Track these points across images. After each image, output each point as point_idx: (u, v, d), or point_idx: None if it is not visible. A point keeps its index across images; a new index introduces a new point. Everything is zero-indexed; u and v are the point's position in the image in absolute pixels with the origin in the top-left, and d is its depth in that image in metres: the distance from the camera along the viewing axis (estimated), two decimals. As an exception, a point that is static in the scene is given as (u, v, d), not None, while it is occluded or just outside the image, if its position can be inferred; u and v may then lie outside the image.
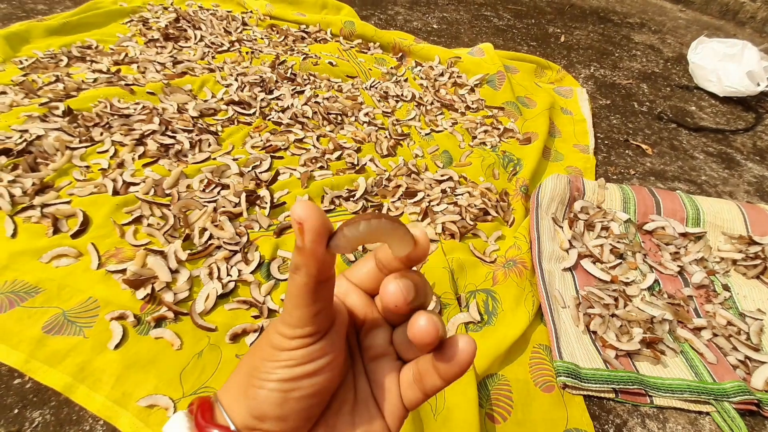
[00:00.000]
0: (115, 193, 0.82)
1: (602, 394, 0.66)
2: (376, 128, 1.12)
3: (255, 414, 0.20)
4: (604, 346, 0.72)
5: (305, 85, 1.23)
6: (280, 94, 1.17)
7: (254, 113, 1.10)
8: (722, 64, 1.51)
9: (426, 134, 1.15)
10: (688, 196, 0.99)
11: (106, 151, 0.90)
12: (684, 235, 0.93)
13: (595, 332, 0.74)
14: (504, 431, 0.61)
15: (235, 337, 0.65)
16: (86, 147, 0.89)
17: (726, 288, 0.85)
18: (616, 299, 0.79)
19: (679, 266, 0.87)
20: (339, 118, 1.14)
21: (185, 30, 1.36)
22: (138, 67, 1.16)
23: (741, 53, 1.47)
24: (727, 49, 1.51)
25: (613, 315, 0.76)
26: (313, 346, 0.20)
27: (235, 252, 0.76)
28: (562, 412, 0.64)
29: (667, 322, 0.76)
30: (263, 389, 0.20)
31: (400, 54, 1.48)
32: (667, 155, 1.24)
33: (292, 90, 1.20)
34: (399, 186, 0.96)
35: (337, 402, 0.22)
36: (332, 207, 0.89)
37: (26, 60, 1.11)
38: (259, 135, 1.04)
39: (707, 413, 0.67)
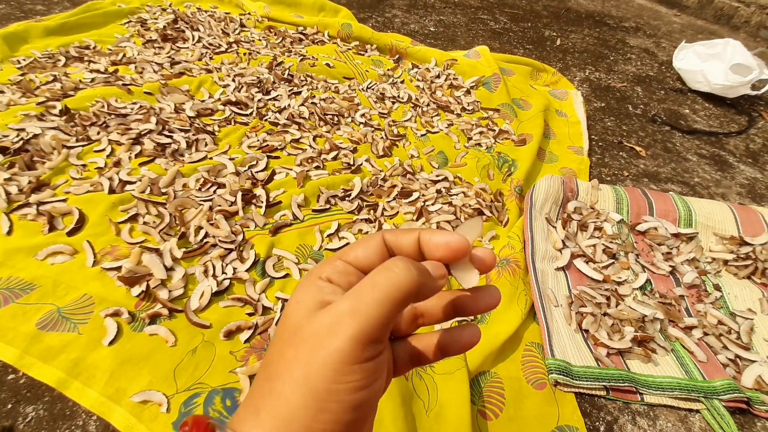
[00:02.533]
0: (112, 191, 0.82)
1: (593, 392, 0.67)
2: (373, 129, 1.13)
3: None
4: (595, 344, 0.73)
5: (302, 86, 1.24)
6: (277, 95, 1.18)
7: (251, 113, 1.10)
8: (707, 65, 1.53)
9: (422, 135, 1.15)
10: (680, 197, 1.00)
11: (103, 149, 0.91)
12: (676, 235, 0.94)
13: (587, 331, 0.74)
14: (496, 428, 0.61)
15: (230, 334, 0.65)
16: (83, 146, 0.90)
17: (717, 288, 0.86)
18: (608, 298, 0.79)
19: (671, 266, 0.88)
20: (335, 118, 1.15)
21: (183, 31, 1.37)
22: (136, 67, 1.17)
23: (724, 50, 1.49)
24: (710, 49, 1.54)
25: (605, 314, 0.77)
26: (380, 357, 0.19)
27: (231, 250, 0.77)
28: (553, 409, 0.64)
29: (659, 321, 0.77)
30: (335, 421, 0.18)
31: (397, 56, 1.49)
32: (660, 157, 1.25)
33: (289, 91, 1.20)
34: (394, 186, 0.96)
35: None
36: (328, 206, 0.89)
37: (24, 60, 1.12)
38: (256, 135, 1.04)
39: (697, 411, 0.67)
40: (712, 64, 1.52)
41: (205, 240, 0.77)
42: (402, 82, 1.36)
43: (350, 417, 0.18)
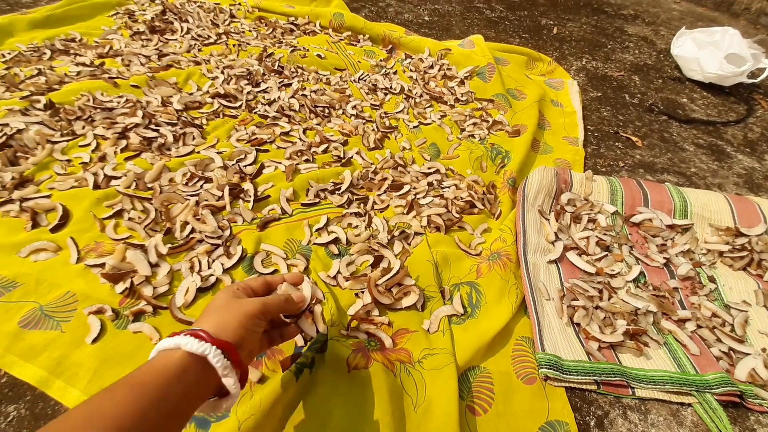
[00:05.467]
0: (96, 186, 0.81)
1: (584, 386, 0.66)
2: (364, 121, 1.11)
3: (239, 340, 0.43)
4: (587, 338, 0.72)
5: (293, 77, 1.22)
6: (267, 87, 1.16)
7: (240, 106, 1.08)
8: (704, 53, 1.50)
9: (414, 127, 1.14)
10: (676, 187, 0.98)
11: (88, 144, 0.89)
12: (671, 227, 0.92)
13: (578, 324, 0.73)
14: (484, 423, 0.60)
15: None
16: (68, 141, 0.88)
17: (712, 280, 0.85)
18: (600, 291, 0.78)
19: (665, 258, 0.87)
20: (326, 111, 1.13)
21: (171, 22, 1.34)
22: (122, 59, 1.15)
23: (722, 39, 1.46)
24: (708, 37, 1.51)
25: (597, 307, 0.76)
26: (262, 321, 0.48)
27: (217, 246, 0.75)
28: (543, 404, 0.63)
29: (652, 313, 0.76)
30: (246, 333, 0.45)
31: (390, 46, 1.46)
32: (657, 147, 1.24)
33: (280, 83, 1.18)
34: (385, 179, 0.95)
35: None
36: (317, 200, 0.88)
37: (9, 53, 1.10)
38: (245, 128, 1.03)
39: (689, 405, 0.67)
40: (709, 52, 1.49)
41: (191, 235, 0.76)
42: (395, 72, 1.34)
43: (247, 334, 0.44)
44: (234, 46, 1.30)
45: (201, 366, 0.38)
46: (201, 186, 0.85)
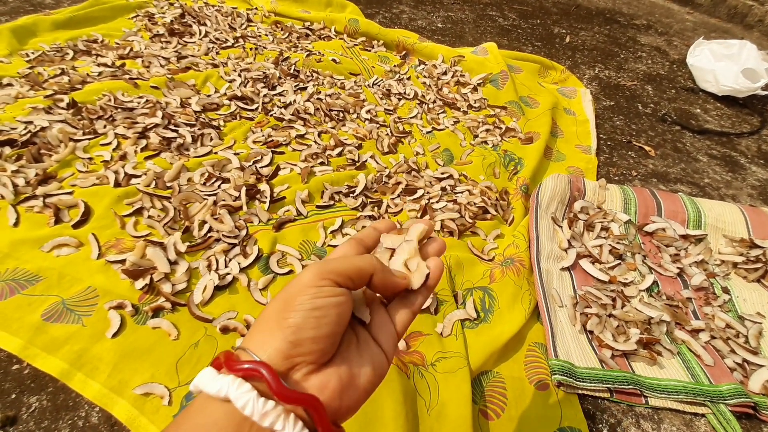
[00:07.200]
0: (117, 184, 0.82)
1: (597, 394, 0.66)
2: (378, 125, 1.13)
3: (292, 339, 0.24)
4: (600, 345, 0.72)
5: (308, 81, 1.23)
6: (283, 90, 1.18)
7: (257, 109, 1.10)
8: (720, 65, 1.50)
9: (427, 132, 1.15)
10: (689, 198, 0.98)
11: (109, 143, 0.91)
12: (685, 237, 0.92)
13: (591, 332, 0.73)
14: (497, 428, 0.61)
15: (226, 330, 0.65)
16: (89, 139, 0.90)
17: (726, 291, 0.85)
18: (613, 299, 0.78)
19: (678, 268, 0.87)
20: (341, 114, 1.14)
21: (190, 26, 1.37)
22: (142, 61, 1.17)
23: (739, 53, 1.46)
24: (725, 49, 1.51)
25: (610, 315, 0.76)
26: (336, 287, 0.27)
27: (234, 245, 0.77)
28: (555, 410, 0.64)
29: (665, 323, 0.75)
30: (299, 316, 0.25)
31: (404, 52, 1.48)
32: (670, 157, 1.23)
33: (295, 86, 1.20)
34: (399, 183, 0.96)
35: (345, 344, 0.28)
36: (332, 203, 0.89)
37: (33, 53, 1.13)
38: (261, 130, 1.04)
39: (703, 415, 0.66)
40: (725, 65, 1.49)
41: (208, 234, 0.77)
42: (408, 78, 1.35)
43: (305, 319, 0.25)
44: (251, 49, 1.32)
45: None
46: (218, 186, 0.86)
